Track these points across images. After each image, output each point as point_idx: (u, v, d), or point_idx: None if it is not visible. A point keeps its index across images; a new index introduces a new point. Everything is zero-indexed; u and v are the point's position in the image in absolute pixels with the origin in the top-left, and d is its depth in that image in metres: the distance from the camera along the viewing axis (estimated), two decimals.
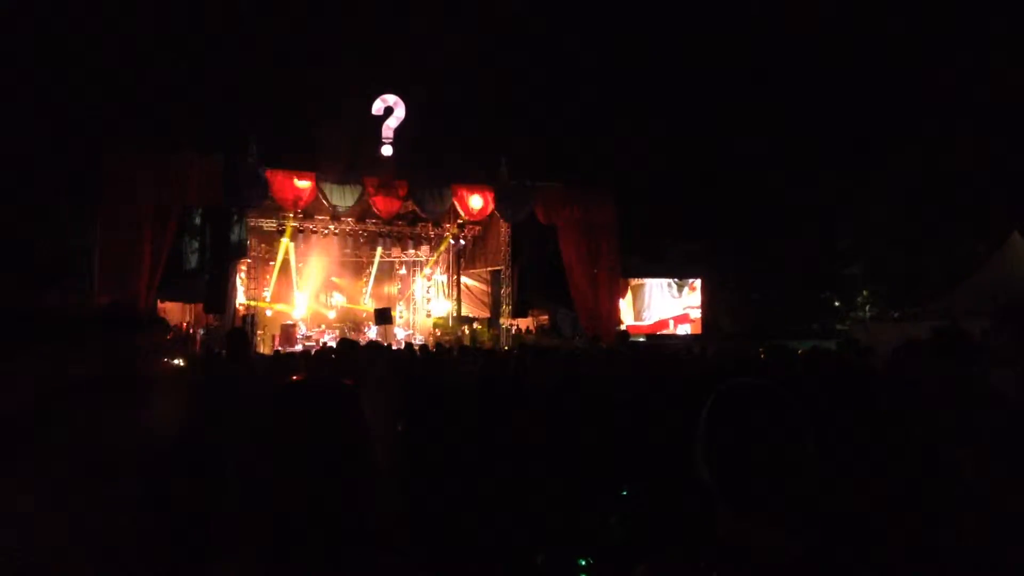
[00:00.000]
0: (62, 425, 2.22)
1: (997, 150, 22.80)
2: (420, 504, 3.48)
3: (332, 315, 23.60)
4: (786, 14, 25.27)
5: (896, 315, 24.20)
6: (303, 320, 22.20)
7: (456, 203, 19.08)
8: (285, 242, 21.09)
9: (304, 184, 17.42)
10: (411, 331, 23.64)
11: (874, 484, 2.67)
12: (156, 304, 17.08)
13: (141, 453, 2.80)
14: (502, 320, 20.92)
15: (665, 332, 22.87)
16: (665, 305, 23.56)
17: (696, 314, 23.39)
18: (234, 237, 17.23)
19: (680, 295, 23.80)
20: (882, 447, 2.93)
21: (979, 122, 23.35)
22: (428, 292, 25.10)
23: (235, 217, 17.22)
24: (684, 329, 23.20)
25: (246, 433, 1.35)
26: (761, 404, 1.46)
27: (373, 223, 20.97)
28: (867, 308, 29.19)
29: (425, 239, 23.30)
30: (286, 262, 22.02)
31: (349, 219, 20.57)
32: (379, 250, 23.26)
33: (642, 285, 23.33)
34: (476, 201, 19.18)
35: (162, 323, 16.83)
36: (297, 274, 22.49)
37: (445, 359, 9.84)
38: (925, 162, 24.22)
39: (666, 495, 3.51)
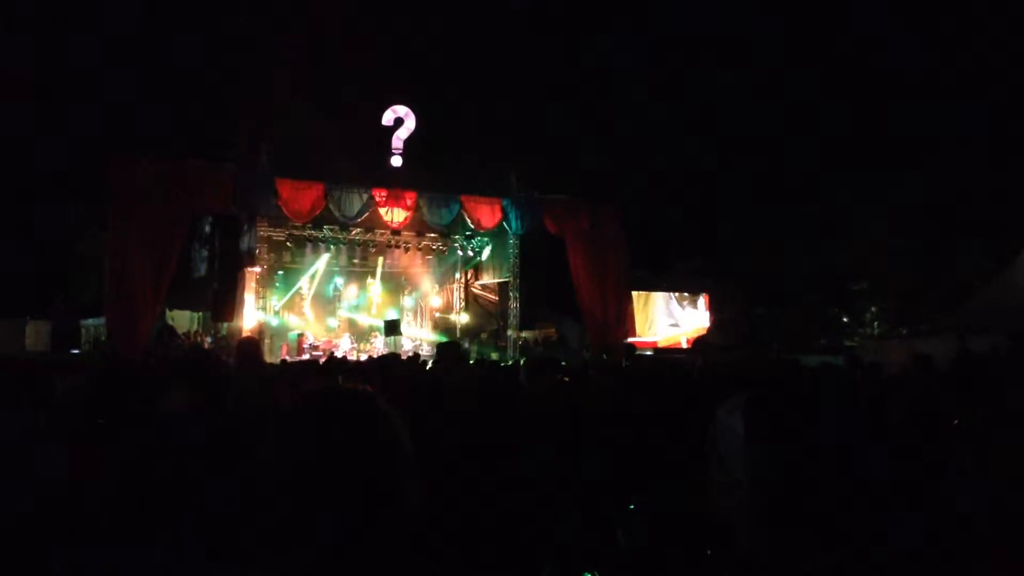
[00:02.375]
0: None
1: (1007, 165, 22.74)
2: (421, 515, 3.48)
3: (340, 325, 23.62)
4: (791, 27, 25.33)
5: (904, 331, 24.12)
6: (310, 330, 22.27)
7: (464, 214, 19.14)
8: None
9: (313, 194, 17.49)
10: (418, 342, 23.65)
11: (880, 495, 2.67)
12: (164, 312, 17.14)
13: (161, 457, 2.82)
14: (510, 332, 20.91)
15: (674, 347, 22.90)
16: (678, 319, 23.65)
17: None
18: (244, 246, 17.31)
19: (696, 310, 23.93)
20: (886, 459, 2.93)
21: (989, 135, 23.30)
22: (435, 303, 25.11)
23: (245, 226, 17.30)
24: None
25: (269, 439, 1.35)
26: (789, 415, 1.46)
27: (382, 233, 21.04)
28: (875, 324, 29.09)
29: (433, 250, 23.37)
30: (296, 272, 22.16)
31: (358, 229, 20.65)
32: (388, 260, 23.36)
33: (654, 299, 23.39)
34: (484, 212, 19.24)
35: (170, 331, 16.98)
36: (306, 283, 22.60)
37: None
38: (933, 177, 24.17)
39: (673, 508, 3.51)
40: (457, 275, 24.35)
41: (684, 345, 23.19)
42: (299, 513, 1.25)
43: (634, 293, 21.76)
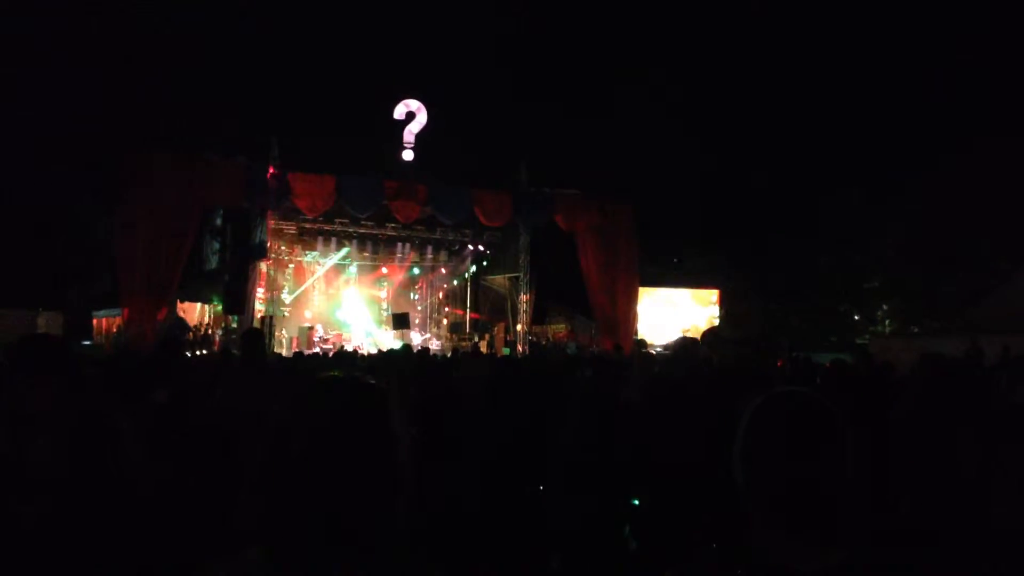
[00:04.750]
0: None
1: (1021, 166, 22.58)
2: (432, 507, 3.49)
3: (349, 318, 23.67)
4: (815, 29, 25.20)
5: (916, 330, 24.01)
6: (320, 323, 22.33)
7: (475, 209, 19.11)
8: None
9: (325, 187, 17.50)
10: (428, 335, 23.67)
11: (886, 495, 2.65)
12: (176, 303, 17.21)
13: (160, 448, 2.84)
14: (520, 326, 20.90)
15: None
16: (688, 315, 23.64)
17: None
18: (255, 239, 17.35)
19: (708, 305, 23.90)
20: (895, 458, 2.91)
21: (1004, 137, 23.13)
22: (446, 297, 25.12)
23: (256, 219, 17.34)
24: None
25: (267, 429, 1.33)
26: (803, 412, 1.44)
27: (392, 227, 21.04)
28: (887, 323, 28.97)
29: (444, 244, 23.36)
30: (307, 265, 22.21)
31: (369, 223, 20.66)
32: (398, 254, 23.38)
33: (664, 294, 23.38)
34: (495, 207, 19.19)
35: (181, 322, 17.05)
36: (319, 278, 22.68)
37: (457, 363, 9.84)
38: (947, 176, 24.02)
39: (678, 503, 3.50)
40: (467, 270, 24.35)
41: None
42: (292, 501, 1.23)
43: (645, 288, 21.74)
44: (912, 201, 24.99)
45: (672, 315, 23.44)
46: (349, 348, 18.53)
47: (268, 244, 18.47)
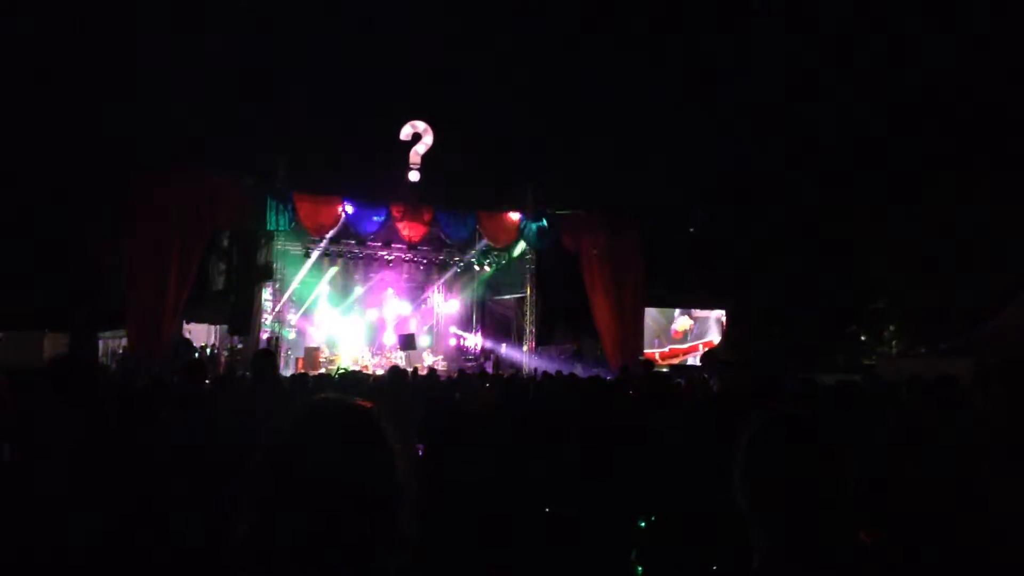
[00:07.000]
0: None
1: None
2: (433, 533, 3.48)
3: (355, 339, 23.63)
4: (819, 46, 25.28)
5: (923, 350, 23.87)
6: (326, 344, 22.31)
7: (481, 230, 19.16)
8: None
9: (331, 209, 17.59)
10: (438, 357, 23.64)
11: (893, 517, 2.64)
12: (183, 324, 17.25)
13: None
14: (525, 347, 20.87)
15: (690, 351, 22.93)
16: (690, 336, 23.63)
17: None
18: (261, 260, 17.41)
19: (710, 326, 23.89)
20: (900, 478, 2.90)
21: (1012, 151, 23.08)
22: (451, 318, 25.09)
23: (262, 240, 17.41)
24: None
25: (264, 452, 1.32)
26: (802, 434, 1.44)
27: (398, 248, 21.08)
28: (893, 343, 28.81)
29: (450, 265, 23.38)
30: (313, 286, 22.22)
31: (375, 244, 20.71)
32: (404, 275, 23.40)
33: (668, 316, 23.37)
34: (501, 228, 19.25)
35: (188, 343, 17.07)
36: (322, 297, 22.67)
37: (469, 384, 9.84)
38: (954, 192, 23.98)
39: (684, 525, 3.48)
40: (473, 290, 24.35)
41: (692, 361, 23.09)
42: (278, 528, 1.21)
43: (651, 308, 21.77)
44: (919, 217, 24.94)
45: (679, 335, 23.42)
46: (355, 369, 18.51)
47: (274, 265, 18.54)
